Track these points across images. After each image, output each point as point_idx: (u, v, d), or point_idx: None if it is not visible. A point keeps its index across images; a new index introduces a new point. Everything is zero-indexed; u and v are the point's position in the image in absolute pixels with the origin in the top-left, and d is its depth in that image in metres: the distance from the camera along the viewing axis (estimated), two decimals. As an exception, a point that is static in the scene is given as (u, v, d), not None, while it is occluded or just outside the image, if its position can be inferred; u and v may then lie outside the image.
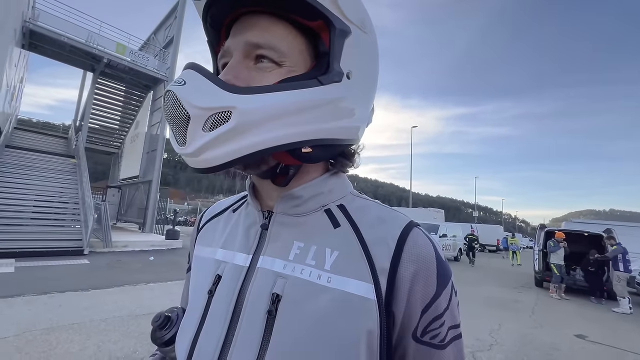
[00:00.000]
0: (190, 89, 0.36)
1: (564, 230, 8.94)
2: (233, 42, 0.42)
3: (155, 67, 14.28)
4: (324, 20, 0.40)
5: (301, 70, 0.41)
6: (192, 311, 0.47)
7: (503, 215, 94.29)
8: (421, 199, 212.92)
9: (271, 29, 0.41)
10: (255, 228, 0.48)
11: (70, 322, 3.65)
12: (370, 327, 0.38)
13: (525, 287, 8.94)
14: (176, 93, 0.36)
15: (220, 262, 0.48)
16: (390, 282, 0.40)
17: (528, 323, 5.26)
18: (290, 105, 0.37)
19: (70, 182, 11.23)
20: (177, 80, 0.37)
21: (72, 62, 13.85)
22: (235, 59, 0.41)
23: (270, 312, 0.39)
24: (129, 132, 17.95)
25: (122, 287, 5.38)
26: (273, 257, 0.43)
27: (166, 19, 16.04)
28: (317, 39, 0.42)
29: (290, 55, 0.41)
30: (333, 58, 0.40)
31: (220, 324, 0.42)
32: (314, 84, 0.39)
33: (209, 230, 0.56)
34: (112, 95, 16.43)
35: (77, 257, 7.85)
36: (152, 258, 8.59)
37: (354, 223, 0.45)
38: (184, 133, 0.37)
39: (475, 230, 21.39)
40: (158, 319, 0.52)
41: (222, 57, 0.44)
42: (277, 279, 0.41)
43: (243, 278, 0.43)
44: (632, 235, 10.67)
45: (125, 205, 16.67)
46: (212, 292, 0.45)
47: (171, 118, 0.37)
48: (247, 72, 0.40)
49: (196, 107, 0.35)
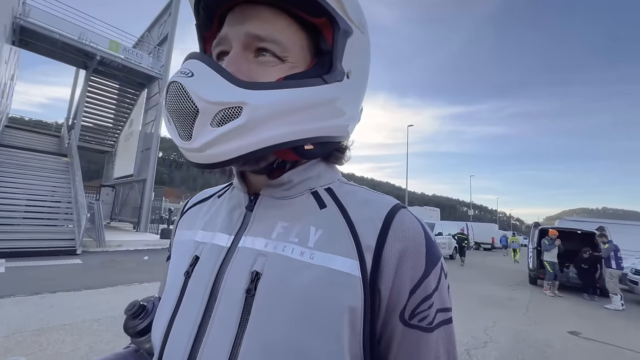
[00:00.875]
0: (200, 82, 0.35)
1: (557, 228, 9.03)
2: (231, 31, 0.40)
3: (149, 64, 14.13)
4: (329, 18, 0.40)
5: (302, 67, 0.41)
6: (169, 294, 0.45)
7: (498, 213, 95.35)
8: (417, 197, 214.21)
9: (273, 21, 0.40)
10: (239, 210, 0.47)
11: (61, 322, 3.59)
12: (353, 304, 0.37)
13: (519, 285, 9.01)
14: (184, 85, 0.34)
15: (199, 243, 0.46)
16: (376, 259, 0.39)
17: (522, 320, 5.29)
18: (298, 103, 0.38)
19: (62, 181, 11.08)
20: (183, 71, 0.36)
21: (65, 59, 13.66)
22: (235, 51, 0.39)
23: (249, 290, 0.38)
24: (123, 131, 17.77)
25: (115, 287, 5.32)
26: (255, 236, 0.43)
27: (160, 16, 15.89)
28: (319, 36, 0.42)
29: (292, 50, 0.40)
30: (336, 57, 0.41)
31: (196, 305, 0.40)
32: (319, 82, 0.39)
33: (191, 214, 0.55)
34: (105, 93, 16.24)
35: (70, 257, 7.75)
36: (146, 257, 8.51)
37: (341, 204, 0.44)
38: (189, 127, 0.35)
39: (465, 229, 21.65)
40: (132, 307, 0.50)
41: (217, 45, 0.42)
42: (258, 257, 0.40)
43: (223, 258, 0.42)
44: (624, 232, 10.84)
45: (119, 204, 16.52)
46: (189, 274, 0.43)
47: (175, 111, 0.35)
48: (247, 65, 0.39)
49: (206, 101, 0.34)
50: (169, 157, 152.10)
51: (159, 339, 0.43)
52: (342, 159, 0.50)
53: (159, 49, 14.97)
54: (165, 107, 0.37)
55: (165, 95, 0.37)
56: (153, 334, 0.46)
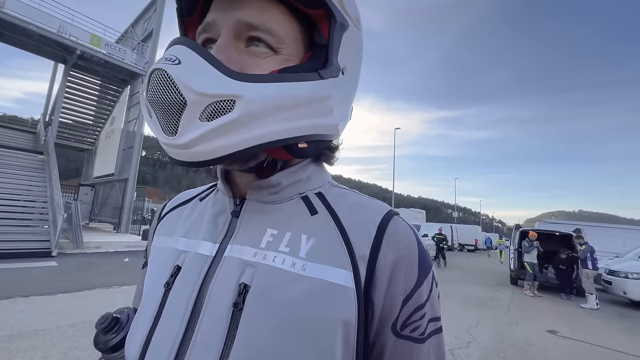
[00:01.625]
0: (188, 70, 0.31)
1: (536, 230, 9.33)
2: (220, 17, 0.37)
3: (132, 60, 13.76)
4: (325, 9, 0.38)
5: (295, 60, 0.39)
6: (146, 307, 0.41)
7: (481, 215, 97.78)
8: (404, 199, 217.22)
9: (267, 9, 0.37)
10: (224, 215, 0.44)
11: (33, 328, 3.40)
12: (347, 318, 0.35)
13: (501, 285, 9.25)
14: (170, 73, 0.31)
15: (180, 252, 0.43)
16: (370, 269, 0.37)
17: (504, 320, 5.42)
18: (294, 98, 0.35)
19: (38, 179, 10.61)
20: (168, 57, 0.32)
21: (42, 52, 13.11)
22: (225, 39, 0.36)
23: (237, 304, 0.35)
24: (104, 128, 17.21)
25: (93, 290, 5.10)
26: (242, 245, 0.40)
27: (145, 12, 15.50)
28: (314, 29, 0.40)
29: (286, 42, 0.38)
30: (332, 52, 0.38)
31: (178, 320, 0.37)
32: (315, 77, 0.37)
33: (170, 219, 0.51)
34: (85, 89, 15.69)
35: (44, 259, 7.40)
36: (127, 259, 8.23)
37: (332, 210, 0.42)
38: (175, 121, 0.32)
39: (450, 230, 22.18)
40: (104, 320, 0.46)
41: (203, 32, 0.39)
42: (246, 268, 0.37)
43: (207, 268, 0.39)
44: (599, 235, 11.32)
45: (99, 204, 15.95)
46: (170, 285, 0.40)
47: (158, 103, 0.32)
48: (238, 55, 0.36)
49: (196, 92, 0.31)
50: (153, 156, 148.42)
51: (135, 356, 0.39)
52: (333, 159, 0.49)
53: (143, 45, 14.60)
54: (147, 97, 0.33)
55: (147, 85, 0.33)
56: (128, 350, 0.41)
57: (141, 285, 0.54)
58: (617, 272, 7.80)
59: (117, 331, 0.46)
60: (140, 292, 0.55)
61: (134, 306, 0.53)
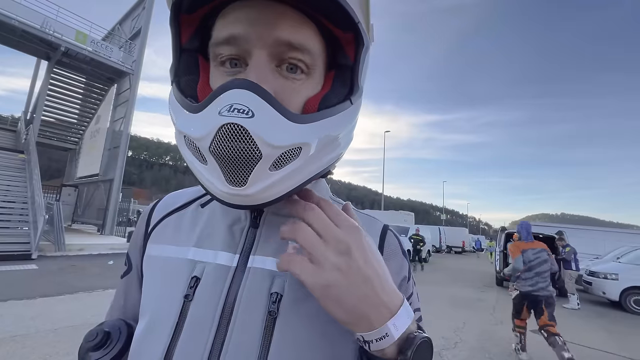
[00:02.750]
0: (263, 123, 0.30)
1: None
2: (254, 33, 0.34)
3: (120, 59, 13.48)
4: (355, 33, 0.37)
5: (321, 82, 0.39)
6: (159, 321, 0.39)
7: (468, 218, 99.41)
8: (393, 202, 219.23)
9: (303, 27, 0.35)
10: (240, 226, 0.44)
11: (12, 333, 3.27)
12: None
13: (487, 287, 9.44)
14: (247, 128, 0.30)
15: (196, 262, 0.42)
16: None
17: (490, 320, 5.53)
18: (337, 133, 0.37)
19: (18, 179, 10.23)
20: (240, 109, 0.30)
21: (23, 48, 12.69)
22: (261, 61, 0.34)
23: (272, 312, 0.37)
24: (89, 127, 16.77)
25: (75, 294, 4.95)
26: (266, 256, 0.41)
27: (133, 9, 15.23)
28: (337, 49, 0.40)
29: (317, 63, 0.37)
30: (359, 75, 0.39)
31: (205, 331, 0.37)
32: (348, 105, 0.38)
33: (169, 226, 0.49)
34: (69, 87, 15.26)
35: (24, 262, 7.13)
36: (111, 262, 8.01)
37: None
38: (246, 173, 0.32)
39: (439, 231, 22.52)
40: (94, 336, 0.41)
41: (225, 43, 0.35)
42: (275, 278, 0.39)
43: (231, 279, 0.39)
44: (580, 237, 11.69)
45: (82, 205, 15.49)
46: (190, 297, 0.39)
47: (229, 156, 0.31)
48: (274, 81, 0.34)
49: (272, 145, 0.31)
50: (139, 156, 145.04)
51: None
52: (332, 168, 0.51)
53: (131, 43, 14.31)
54: (211, 150, 0.31)
55: (213, 136, 0.31)
56: None
57: (123, 294, 0.51)
58: (597, 273, 8.07)
59: (108, 347, 0.42)
60: (122, 301, 0.51)
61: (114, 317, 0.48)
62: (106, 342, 0.42)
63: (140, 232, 0.51)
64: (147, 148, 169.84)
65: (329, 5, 0.34)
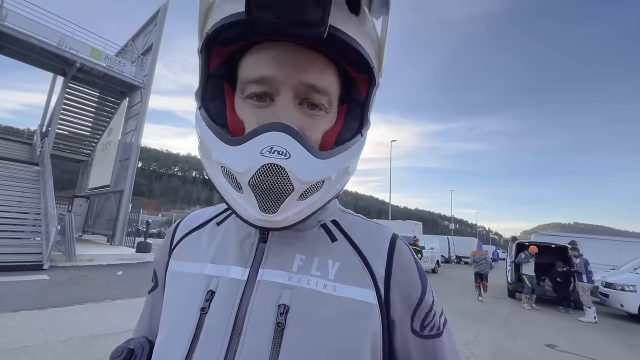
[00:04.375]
0: (298, 164, 0.36)
1: (535, 243, 9.33)
2: (282, 74, 0.38)
3: (132, 73, 13.88)
4: (370, 75, 0.42)
5: (335, 115, 0.44)
6: (179, 331, 0.42)
7: (477, 227, 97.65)
8: (400, 211, 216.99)
9: (325, 71, 0.40)
10: (250, 241, 0.47)
11: (22, 344, 3.31)
12: (374, 330, 0.41)
13: (499, 298, 9.19)
14: (285, 168, 0.35)
15: (211, 277, 0.44)
16: (386, 287, 0.44)
17: (502, 334, 5.37)
18: (351, 162, 0.43)
19: (32, 191, 10.49)
20: (279, 150, 0.35)
21: (41, 64, 13.20)
22: (287, 100, 0.39)
23: (280, 323, 0.39)
24: (101, 140, 17.16)
25: (84, 304, 4.99)
26: (274, 269, 0.43)
27: (146, 26, 15.76)
28: (351, 85, 0.45)
29: (334, 100, 0.43)
30: (369, 109, 0.45)
31: (219, 341, 0.39)
32: (359, 137, 0.44)
33: (189, 244, 0.52)
34: (84, 101, 15.72)
35: (36, 272, 7.24)
36: (120, 273, 8.08)
37: (350, 237, 0.48)
38: (277, 203, 0.37)
39: (448, 241, 22.09)
40: (119, 353, 0.45)
41: (256, 82, 0.39)
42: (283, 290, 0.41)
43: (242, 292, 0.42)
44: (595, 247, 11.36)
45: (93, 216, 15.74)
46: (206, 309, 0.42)
47: (266, 189, 0.36)
48: (298, 117, 0.39)
49: (303, 182, 0.37)
50: (149, 167, 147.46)
51: None
52: None
53: (142, 59, 14.76)
54: (251, 184, 0.36)
55: (254, 174, 0.36)
56: None
57: (149, 310, 0.55)
58: (614, 285, 7.80)
59: None
60: (148, 317, 0.55)
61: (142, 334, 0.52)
62: (130, 358, 0.45)
63: (165, 250, 0.55)
64: (157, 159, 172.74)
65: (351, 55, 0.39)
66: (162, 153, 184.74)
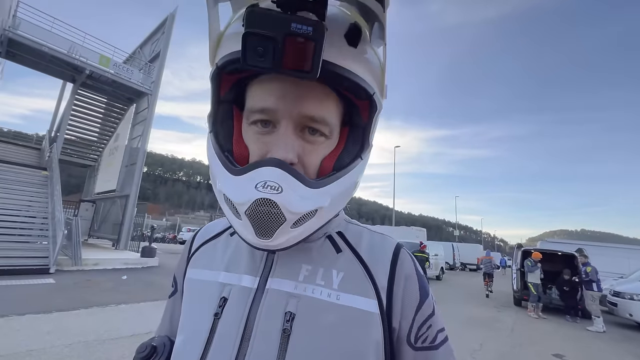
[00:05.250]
0: (290, 197, 0.38)
1: (539, 250, 9.22)
2: (283, 106, 0.40)
3: (139, 80, 14.10)
4: (370, 100, 0.44)
5: (336, 140, 0.46)
6: (194, 335, 0.45)
7: (482, 234, 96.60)
8: (404, 217, 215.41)
9: (325, 101, 0.42)
10: (260, 252, 0.49)
11: (28, 348, 3.34)
12: (376, 338, 0.42)
13: (504, 306, 9.06)
14: (277, 202, 0.38)
15: (224, 285, 0.48)
16: (389, 297, 0.45)
17: (508, 342, 5.29)
18: (349, 186, 0.45)
19: (40, 195, 10.63)
20: (270, 185, 0.38)
21: (52, 72, 13.49)
22: (288, 130, 0.41)
23: (286, 329, 0.41)
24: (108, 145, 17.40)
25: (89, 308, 5.02)
26: (282, 278, 0.46)
27: (153, 34, 16.05)
28: (353, 109, 0.46)
29: (335, 128, 0.45)
30: (371, 133, 0.47)
31: (229, 346, 0.42)
32: (359, 161, 0.45)
33: (206, 252, 0.56)
34: (92, 107, 15.99)
35: (42, 275, 7.31)
36: (125, 277, 8.12)
37: (354, 248, 0.50)
38: (272, 231, 0.39)
39: (452, 247, 21.96)
40: (144, 349, 0.49)
41: (260, 112, 0.42)
42: (290, 298, 0.43)
43: (252, 299, 0.44)
44: (602, 254, 11.16)
45: (99, 220, 15.87)
46: (219, 315, 0.45)
47: (260, 219, 0.39)
48: (297, 144, 0.42)
49: (295, 213, 0.39)
50: (154, 172, 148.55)
51: None
52: None
53: (150, 66, 15.02)
54: (247, 214, 0.39)
55: (249, 205, 0.39)
56: None
57: (170, 313, 0.59)
58: (623, 294, 7.65)
59: (154, 359, 0.49)
60: (169, 319, 0.59)
61: (163, 333, 0.56)
62: (153, 354, 0.49)
63: (184, 257, 0.59)
64: (162, 164, 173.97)
65: (350, 84, 0.41)
66: (167, 158, 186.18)
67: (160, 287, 7.26)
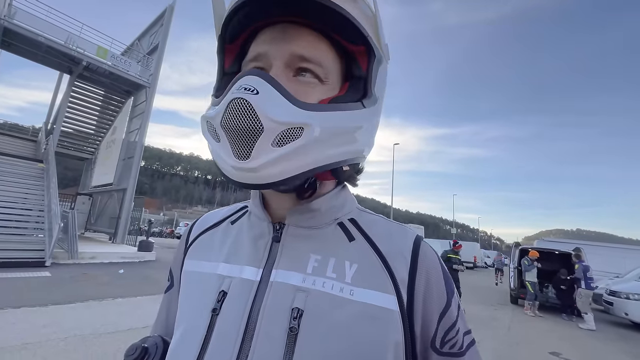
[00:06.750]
0: (266, 100, 0.34)
1: (536, 249, 9.28)
2: (273, 49, 0.40)
3: (137, 72, 13.97)
4: (366, 46, 0.41)
5: (336, 90, 0.42)
6: (191, 333, 0.41)
7: (479, 232, 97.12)
8: (402, 215, 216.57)
9: (317, 44, 0.41)
10: (264, 240, 0.45)
11: (23, 341, 3.31)
12: (397, 339, 0.38)
13: (501, 304, 9.12)
14: (251, 102, 0.33)
15: (224, 277, 0.43)
16: (410, 292, 0.41)
17: (504, 341, 5.32)
18: (346, 126, 0.39)
19: (36, 188, 10.55)
20: (246, 87, 0.34)
21: (48, 62, 13.32)
22: (278, 69, 0.39)
23: (293, 328, 0.37)
24: (105, 138, 17.27)
25: (86, 302, 4.99)
26: (288, 270, 0.41)
27: (152, 26, 15.87)
28: (352, 62, 0.43)
29: (332, 74, 0.42)
30: (371, 84, 0.42)
31: (229, 344, 0.38)
32: (360, 106, 0.41)
33: (203, 243, 0.52)
34: (89, 99, 15.84)
35: (38, 269, 7.26)
36: (121, 271, 8.09)
37: (368, 237, 0.45)
38: (249, 146, 0.34)
39: (449, 245, 22.15)
40: (133, 351, 0.45)
41: (254, 60, 0.42)
42: (297, 293, 0.39)
43: (254, 293, 0.40)
44: (598, 254, 11.27)
45: (95, 214, 15.81)
46: (217, 311, 0.40)
47: (235, 129, 0.34)
48: (288, 85, 0.38)
49: (273, 120, 0.33)
50: (152, 166, 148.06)
51: None
52: (357, 180, 0.51)
53: (148, 58, 14.86)
54: (221, 123, 0.35)
55: (223, 111, 0.35)
56: None
57: (165, 308, 0.55)
58: (618, 293, 7.72)
59: None
60: (165, 316, 0.54)
61: (157, 333, 0.52)
62: (144, 356, 0.45)
63: (181, 249, 0.55)
64: (160, 158, 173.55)
65: (338, 21, 0.39)
66: (165, 152, 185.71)
67: (157, 281, 7.24)
